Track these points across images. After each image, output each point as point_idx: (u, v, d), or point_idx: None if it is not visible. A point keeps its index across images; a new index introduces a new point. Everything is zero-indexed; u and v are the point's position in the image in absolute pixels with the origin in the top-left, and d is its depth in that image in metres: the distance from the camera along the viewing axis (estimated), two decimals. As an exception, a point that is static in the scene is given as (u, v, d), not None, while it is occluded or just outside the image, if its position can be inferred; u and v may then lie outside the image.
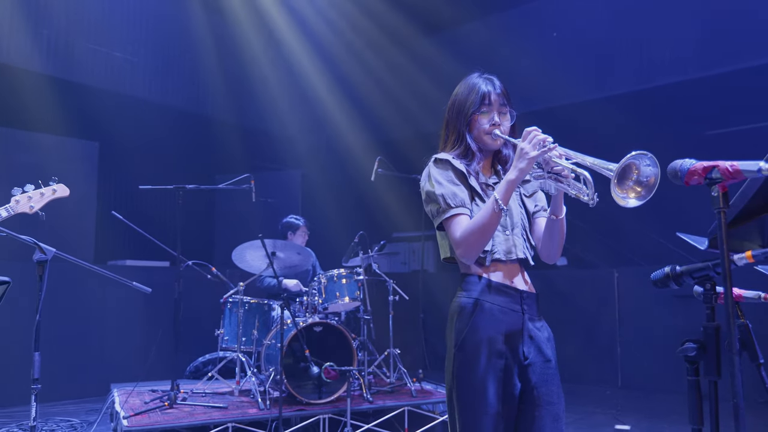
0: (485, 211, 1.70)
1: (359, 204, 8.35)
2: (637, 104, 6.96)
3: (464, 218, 1.76)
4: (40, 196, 2.71)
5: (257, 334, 4.73)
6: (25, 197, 2.67)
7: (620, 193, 1.48)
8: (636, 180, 1.49)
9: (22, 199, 2.65)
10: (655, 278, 1.55)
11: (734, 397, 1.19)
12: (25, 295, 3.15)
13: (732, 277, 1.25)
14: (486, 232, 1.71)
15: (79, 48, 6.65)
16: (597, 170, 1.55)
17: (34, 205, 2.69)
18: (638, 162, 1.47)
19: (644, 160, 1.47)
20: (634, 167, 1.48)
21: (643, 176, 1.48)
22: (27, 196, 2.68)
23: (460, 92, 1.90)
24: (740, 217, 1.44)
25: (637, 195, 1.48)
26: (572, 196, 1.67)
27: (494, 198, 1.68)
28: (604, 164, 1.52)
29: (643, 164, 1.47)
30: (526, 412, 1.75)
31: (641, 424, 4.88)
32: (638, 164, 1.48)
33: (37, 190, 2.72)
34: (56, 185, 2.78)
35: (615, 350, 6.56)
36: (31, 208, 2.69)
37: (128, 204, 7.02)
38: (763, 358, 1.67)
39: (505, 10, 7.77)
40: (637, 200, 1.48)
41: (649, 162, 1.47)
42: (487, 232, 1.71)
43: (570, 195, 1.68)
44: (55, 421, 4.74)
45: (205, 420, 3.87)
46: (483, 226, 1.70)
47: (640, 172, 1.48)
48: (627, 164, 1.47)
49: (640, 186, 1.48)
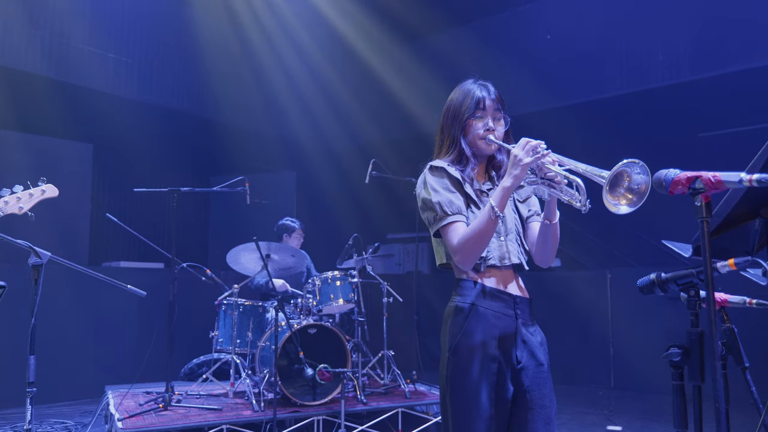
0: (482, 219, 1.73)
1: (353, 206, 8.37)
2: (629, 107, 7.02)
3: (461, 225, 1.78)
4: (29, 197, 2.70)
5: (252, 336, 4.74)
6: (14, 198, 2.66)
7: (612, 200, 1.51)
8: (627, 187, 1.51)
9: (11, 200, 2.64)
10: (641, 285, 1.59)
11: (716, 401, 1.22)
12: (19, 297, 3.16)
13: (718, 282, 1.28)
14: (483, 239, 1.74)
15: (74, 49, 6.64)
16: (589, 177, 1.57)
17: (23, 206, 2.68)
18: (629, 170, 1.50)
19: (635, 168, 1.49)
20: (626, 175, 1.51)
21: (634, 184, 1.50)
22: (16, 197, 2.66)
23: (455, 98, 1.93)
24: (723, 225, 1.48)
25: (628, 202, 1.51)
26: (565, 202, 1.70)
27: (490, 205, 1.71)
28: (596, 171, 1.55)
29: (634, 172, 1.49)
30: (519, 415, 1.77)
31: (633, 424, 4.92)
32: (629, 172, 1.50)
33: (26, 190, 2.71)
34: (45, 185, 2.76)
35: (607, 351, 6.60)
36: (20, 209, 2.68)
37: (123, 206, 7.02)
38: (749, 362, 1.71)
39: (499, 13, 7.80)
40: (628, 207, 1.50)
41: (639, 170, 1.49)
42: (484, 239, 1.74)
43: (563, 201, 1.71)
44: (50, 423, 4.74)
45: (200, 422, 3.88)
46: (480, 233, 1.73)
47: (632, 180, 1.50)
48: (618, 172, 1.50)
49: (631, 193, 1.51)
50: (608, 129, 7.38)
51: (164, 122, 7.47)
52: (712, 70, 6.24)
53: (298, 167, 8.57)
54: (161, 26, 7.42)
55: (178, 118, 7.65)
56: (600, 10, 6.94)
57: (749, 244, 1.59)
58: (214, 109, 7.91)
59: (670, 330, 5.89)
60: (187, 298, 5.30)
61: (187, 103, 7.74)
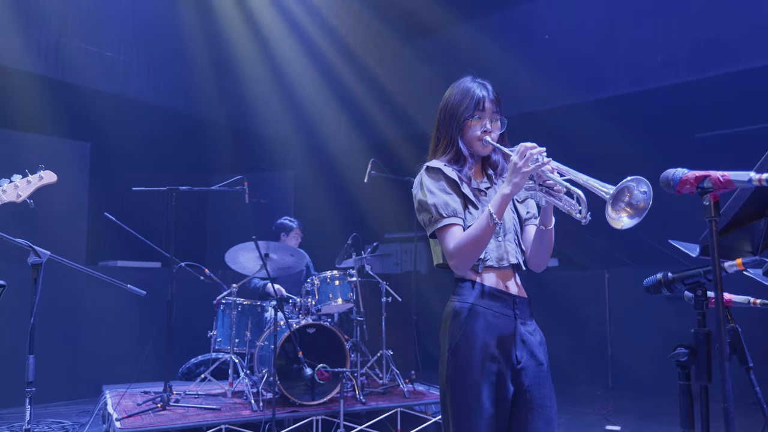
0: (479, 224, 1.71)
1: (352, 205, 8.36)
2: (628, 107, 7.02)
3: (457, 229, 1.76)
4: (26, 184, 2.69)
5: (250, 335, 4.73)
6: (11, 186, 2.64)
7: (614, 215, 1.49)
8: (628, 202, 1.50)
9: (8, 189, 2.62)
10: (647, 284, 1.58)
11: (724, 401, 1.22)
12: (17, 296, 3.13)
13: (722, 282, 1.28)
14: (479, 245, 1.72)
15: (71, 47, 6.61)
16: (590, 189, 1.55)
17: (21, 194, 2.67)
18: (633, 186, 1.48)
19: (641, 186, 1.47)
20: (627, 191, 1.49)
21: (635, 200, 1.49)
22: (13, 185, 2.65)
23: (453, 95, 1.88)
24: (731, 224, 1.47)
25: (629, 215, 1.49)
26: (564, 212, 1.67)
27: (489, 212, 1.68)
28: (598, 184, 1.52)
29: (639, 190, 1.48)
30: (519, 415, 1.77)
31: (631, 424, 4.92)
32: (632, 188, 1.49)
33: (24, 178, 2.70)
34: (43, 172, 2.76)
35: (606, 351, 6.61)
36: (19, 197, 2.66)
37: (120, 205, 6.98)
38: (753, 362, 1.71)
39: (497, 12, 7.80)
40: (629, 219, 1.49)
41: (645, 189, 1.47)
42: (481, 245, 1.72)
43: (561, 210, 1.68)
44: (47, 423, 4.71)
45: (198, 422, 3.87)
46: (476, 239, 1.71)
47: (632, 196, 1.49)
48: (622, 188, 1.48)
49: (631, 208, 1.49)
50: (606, 129, 7.38)
51: (162, 121, 7.44)
52: (710, 71, 6.25)
53: (296, 167, 8.55)
54: (159, 25, 7.39)
55: (177, 117, 7.62)
56: (598, 11, 6.94)
57: (754, 243, 1.59)
58: (212, 108, 7.89)
59: (668, 330, 5.90)
60: (185, 298, 5.28)
61: (186, 102, 7.72)
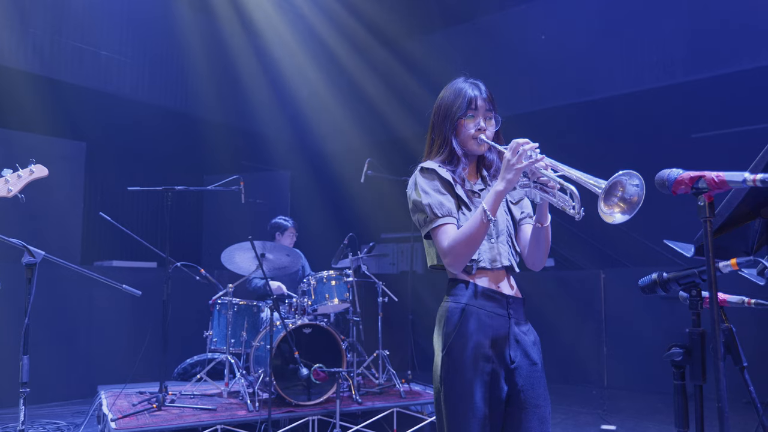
0: (473, 222, 1.71)
1: (348, 205, 8.36)
2: (623, 108, 7.05)
3: (451, 228, 1.77)
4: (17, 179, 2.66)
5: (246, 335, 4.72)
6: (2, 181, 2.62)
7: (606, 210, 1.49)
8: (620, 197, 1.50)
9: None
10: (642, 284, 1.58)
11: (719, 401, 1.22)
12: (12, 297, 3.12)
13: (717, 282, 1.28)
14: (474, 242, 1.72)
15: (66, 46, 6.59)
16: (583, 185, 1.55)
17: (12, 188, 2.64)
18: (625, 180, 1.48)
19: (633, 180, 1.48)
20: (620, 185, 1.49)
21: (627, 194, 1.49)
22: (4, 180, 2.63)
23: (446, 96, 1.90)
24: (725, 225, 1.48)
25: (621, 210, 1.50)
26: (558, 208, 1.68)
27: (482, 209, 1.69)
28: (590, 179, 1.53)
29: (631, 183, 1.48)
30: (513, 415, 1.77)
31: (626, 423, 4.93)
32: (624, 183, 1.49)
33: (15, 173, 2.68)
34: (34, 166, 2.73)
35: (601, 350, 6.62)
36: (9, 191, 2.64)
37: (115, 204, 6.97)
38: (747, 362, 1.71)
39: (493, 13, 7.82)
40: (622, 215, 1.49)
41: (637, 182, 1.47)
42: (475, 242, 1.72)
43: (556, 206, 1.69)
44: (42, 424, 4.69)
45: (194, 422, 3.86)
46: (471, 236, 1.71)
47: (625, 190, 1.49)
48: (614, 182, 1.49)
49: (624, 203, 1.50)
50: (602, 129, 7.42)
51: (158, 121, 7.43)
52: (706, 72, 6.28)
53: (293, 167, 8.55)
54: (154, 24, 7.38)
55: (172, 117, 7.61)
56: (594, 11, 6.96)
57: (749, 243, 1.60)
58: (207, 108, 7.88)
59: (663, 329, 5.92)
60: (180, 298, 5.27)
61: (181, 102, 7.71)
